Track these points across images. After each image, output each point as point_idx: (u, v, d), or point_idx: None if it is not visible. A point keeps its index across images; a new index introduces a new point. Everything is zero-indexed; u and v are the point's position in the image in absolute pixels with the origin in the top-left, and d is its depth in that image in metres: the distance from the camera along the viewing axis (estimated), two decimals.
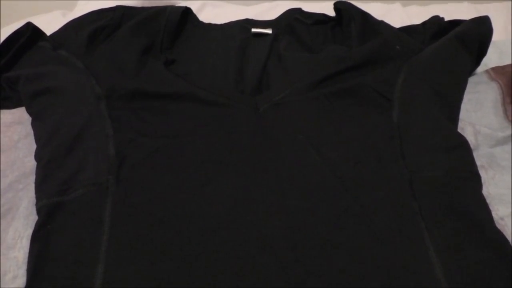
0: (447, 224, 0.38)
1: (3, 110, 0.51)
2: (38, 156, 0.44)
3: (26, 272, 0.37)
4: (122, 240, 0.37)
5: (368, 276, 0.35)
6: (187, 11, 0.58)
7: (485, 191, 0.42)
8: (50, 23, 0.57)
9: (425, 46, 0.51)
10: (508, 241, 0.37)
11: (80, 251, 0.36)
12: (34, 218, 0.40)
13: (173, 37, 0.54)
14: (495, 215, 0.41)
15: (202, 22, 0.60)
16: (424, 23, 0.56)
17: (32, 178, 0.43)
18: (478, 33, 0.51)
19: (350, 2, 0.57)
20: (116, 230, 0.37)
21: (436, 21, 0.56)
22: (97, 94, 0.45)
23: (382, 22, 0.55)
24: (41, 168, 0.42)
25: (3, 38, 0.50)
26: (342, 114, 0.44)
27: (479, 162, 0.45)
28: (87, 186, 0.39)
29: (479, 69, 0.55)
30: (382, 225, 0.37)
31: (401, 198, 0.39)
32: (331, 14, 0.58)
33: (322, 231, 0.37)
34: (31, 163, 0.45)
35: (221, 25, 0.60)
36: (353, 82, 0.46)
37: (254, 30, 0.57)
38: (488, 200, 0.41)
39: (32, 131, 0.46)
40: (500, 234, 0.38)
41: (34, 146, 0.45)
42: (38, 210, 0.40)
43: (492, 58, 0.56)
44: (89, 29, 0.51)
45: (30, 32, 0.50)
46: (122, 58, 0.48)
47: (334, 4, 0.57)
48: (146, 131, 0.43)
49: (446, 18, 0.56)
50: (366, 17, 0.55)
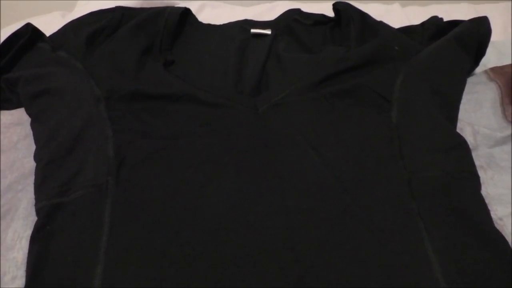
0: (446, 224, 0.38)
1: (3, 111, 0.51)
2: (37, 157, 0.43)
3: (25, 273, 0.37)
4: (121, 241, 0.37)
5: (366, 276, 0.35)
6: (187, 12, 0.58)
7: (484, 192, 0.42)
8: (49, 24, 0.57)
9: (424, 46, 0.51)
10: (507, 241, 0.37)
11: (79, 252, 0.36)
12: (33, 219, 0.40)
13: (172, 38, 0.54)
14: (494, 215, 0.41)
15: (201, 23, 0.60)
16: (423, 24, 0.56)
17: (31, 179, 0.43)
18: (477, 33, 0.51)
19: (349, 2, 0.57)
20: (115, 231, 0.37)
21: (435, 21, 0.56)
22: (96, 96, 0.45)
23: (381, 23, 0.55)
24: (40, 169, 0.42)
25: (2, 39, 0.50)
26: (341, 114, 0.45)
27: (478, 162, 0.45)
28: (87, 187, 0.39)
29: (478, 69, 0.55)
30: (380, 225, 0.38)
31: (400, 199, 0.39)
32: (330, 14, 0.58)
33: (321, 232, 0.37)
34: (31, 164, 0.45)
35: (220, 25, 0.60)
36: (352, 83, 0.46)
37: (253, 30, 0.57)
38: (487, 200, 0.41)
39: (31, 132, 0.46)
40: (499, 234, 0.38)
41: (34, 147, 0.45)
42: (38, 211, 0.40)
43: (491, 59, 0.56)
44: (88, 30, 0.51)
45: (29, 33, 0.50)
46: (122, 59, 0.48)
47: (333, 4, 0.57)
48: (145, 132, 0.43)
49: (445, 19, 0.56)
50: (365, 17, 0.55)
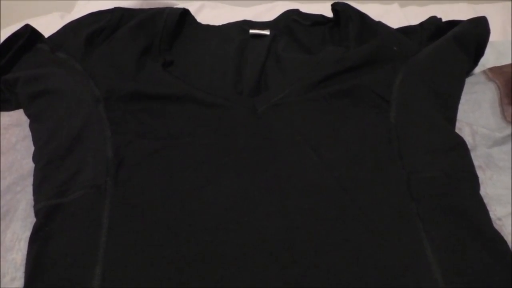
0: (445, 224, 0.38)
1: (2, 113, 0.51)
2: (36, 158, 0.43)
3: (24, 274, 0.37)
4: (120, 241, 0.37)
5: (365, 276, 0.35)
6: (185, 13, 0.58)
7: (483, 192, 0.42)
8: (48, 25, 0.57)
9: (422, 47, 0.51)
10: (506, 241, 0.37)
11: (78, 253, 0.36)
12: (32, 220, 0.40)
13: (171, 38, 0.54)
14: (493, 216, 0.41)
15: (200, 24, 0.60)
16: (421, 24, 0.56)
17: (30, 180, 0.43)
18: (476, 33, 0.51)
19: (347, 3, 0.57)
20: (114, 231, 0.37)
21: (433, 21, 0.56)
22: (95, 96, 0.45)
23: (380, 23, 0.55)
24: (39, 170, 0.42)
25: (2, 40, 0.50)
26: (340, 115, 0.45)
27: (477, 162, 0.45)
28: (86, 188, 0.39)
29: (477, 69, 0.55)
30: (379, 226, 0.38)
31: (398, 199, 0.39)
32: (329, 15, 0.58)
33: (320, 232, 0.37)
34: (29, 165, 0.45)
35: (219, 26, 0.60)
36: (351, 83, 0.46)
37: (252, 31, 0.57)
38: (486, 200, 0.41)
39: (30, 133, 0.46)
40: (498, 235, 0.38)
41: (32, 148, 0.45)
42: (36, 212, 0.40)
43: (489, 59, 0.56)
44: (87, 31, 0.51)
45: (28, 34, 0.50)
46: (121, 60, 0.48)
47: (332, 5, 0.57)
48: (144, 133, 0.43)
49: (444, 19, 0.56)
50: (363, 18, 0.55)
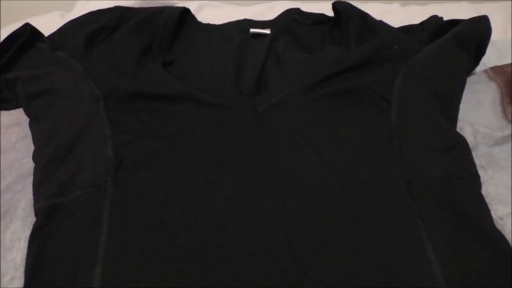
0: (446, 224, 0.38)
1: (1, 112, 0.51)
2: (36, 157, 0.43)
3: (24, 273, 0.37)
4: (120, 241, 0.37)
5: (366, 276, 0.35)
6: (186, 12, 0.58)
7: (484, 191, 0.42)
8: (48, 24, 0.57)
9: (423, 46, 0.51)
10: (507, 240, 0.37)
11: (78, 253, 0.36)
12: (32, 219, 0.40)
13: (171, 38, 0.54)
14: (495, 215, 0.41)
15: (200, 23, 0.60)
16: (422, 23, 0.56)
17: (30, 180, 0.43)
18: (477, 32, 0.51)
19: (348, 2, 0.56)
20: (114, 231, 0.37)
21: (434, 21, 0.56)
22: (95, 96, 0.45)
23: (381, 22, 0.55)
24: (39, 169, 0.42)
25: (1, 39, 0.50)
26: (341, 114, 0.44)
27: (478, 161, 0.45)
28: (85, 188, 0.39)
29: (478, 68, 0.55)
30: (380, 225, 0.37)
31: (399, 199, 0.39)
32: (330, 14, 0.58)
33: (320, 232, 0.37)
34: (29, 165, 0.45)
35: (219, 25, 0.60)
36: (351, 83, 0.46)
37: (252, 30, 0.57)
38: (487, 199, 0.41)
39: (30, 133, 0.46)
40: (499, 234, 0.38)
41: (32, 148, 0.45)
42: (36, 212, 0.40)
43: (491, 58, 0.56)
44: (87, 30, 0.51)
45: (28, 33, 0.49)
46: (121, 59, 0.48)
47: (333, 4, 0.57)
48: (144, 133, 0.43)
49: (445, 18, 0.56)
50: (364, 17, 0.54)
